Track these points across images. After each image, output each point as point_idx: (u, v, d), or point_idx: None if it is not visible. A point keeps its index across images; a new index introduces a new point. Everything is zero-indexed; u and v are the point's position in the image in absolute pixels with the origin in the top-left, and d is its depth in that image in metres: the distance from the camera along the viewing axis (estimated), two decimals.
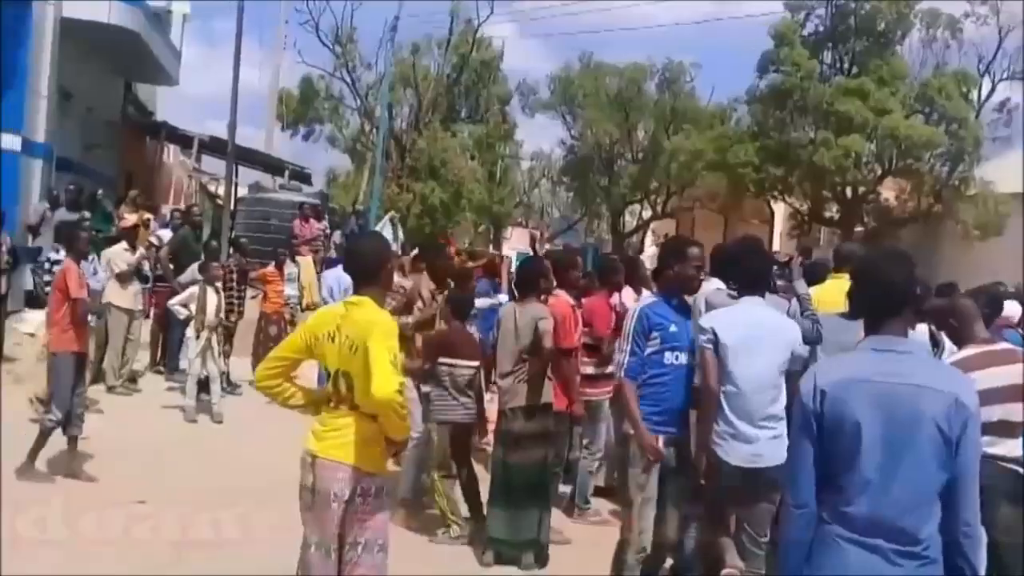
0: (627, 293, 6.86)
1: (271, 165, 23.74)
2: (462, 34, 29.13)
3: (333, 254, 14.21)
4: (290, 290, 11.51)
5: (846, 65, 24.86)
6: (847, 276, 3.33)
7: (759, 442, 4.27)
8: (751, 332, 4.35)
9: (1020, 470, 4.58)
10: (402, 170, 27.56)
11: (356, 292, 3.48)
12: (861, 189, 24.48)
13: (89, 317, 7.17)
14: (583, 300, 6.63)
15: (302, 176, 24.05)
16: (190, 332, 9.02)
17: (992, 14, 24.85)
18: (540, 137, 68.97)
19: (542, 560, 5.53)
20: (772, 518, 4.30)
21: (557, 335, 5.65)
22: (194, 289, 9.01)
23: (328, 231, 15.97)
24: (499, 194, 33.85)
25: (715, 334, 4.35)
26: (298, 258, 12.35)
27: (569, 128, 35.05)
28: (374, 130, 27.62)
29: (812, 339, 4.68)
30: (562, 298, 6.07)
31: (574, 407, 6.02)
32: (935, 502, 2.52)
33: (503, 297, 9.73)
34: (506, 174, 35.85)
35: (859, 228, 24.73)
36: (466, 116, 31.90)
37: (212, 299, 8.95)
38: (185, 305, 9.00)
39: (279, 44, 28.46)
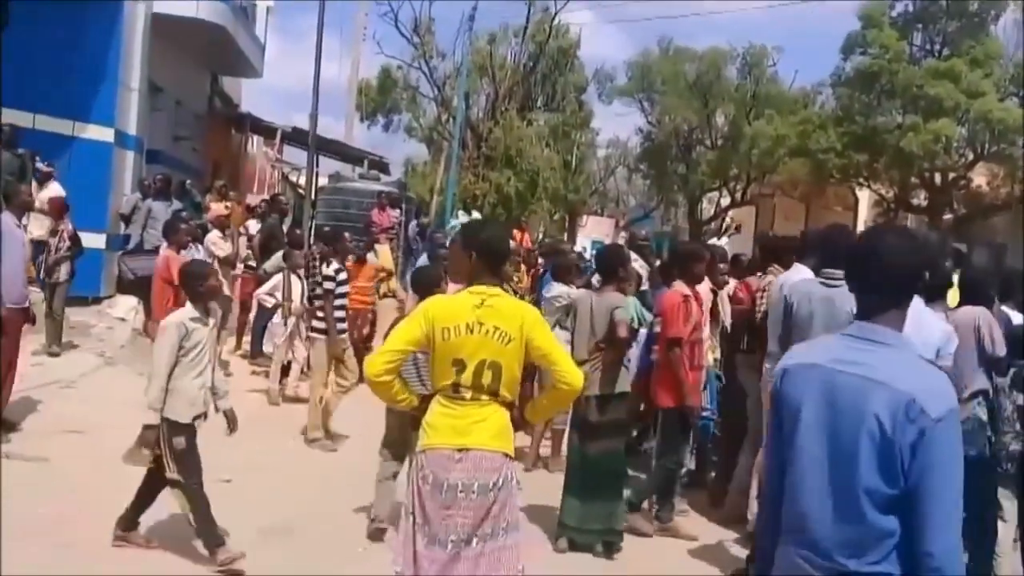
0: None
1: (351, 155, 24.13)
2: (539, 22, 29.09)
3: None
4: None
5: (936, 47, 23.99)
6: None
7: None
8: None
9: None
10: (478, 159, 27.71)
11: (481, 282, 3.41)
12: (951, 175, 23.63)
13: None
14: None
15: (381, 166, 24.38)
16: (277, 318, 9.29)
17: None
18: (617, 124, 68.50)
19: (614, 549, 5.52)
20: None
21: (662, 325, 5.74)
22: (279, 277, 9.26)
23: (402, 220, 16.17)
24: (574, 182, 33.75)
25: None
26: (376, 246, 12.53)
27: (646, 115, 34.75)
28: (451, 119, 27.81)
29: None
30: (677, 288, 5.91)
31: (684, 400, 5.75)
32: (885, 519, 2.09)
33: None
34: (582, 162, 35.70)
35: (948, 216, 23.89)
36: (542, 104, 31.86)
37: (296, 286, 9.19)
38: (271, 293, 9.27)
39: (359, 36, 28.80)
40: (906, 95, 22.56)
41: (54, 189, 10.57)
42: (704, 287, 6.67)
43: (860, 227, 28.18)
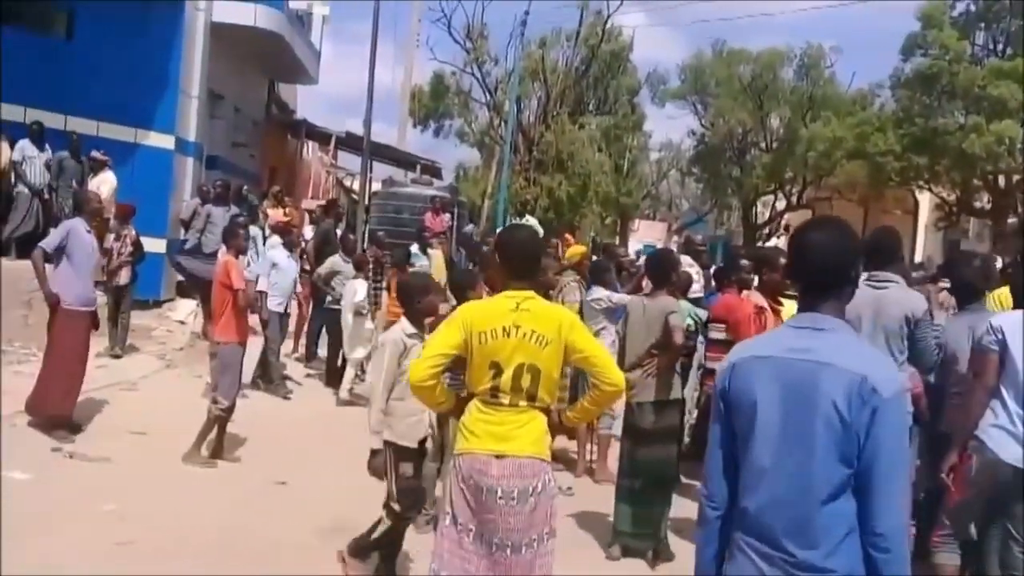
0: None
1: (403, 160, 24.35)
2: (591, 26, 29.03)
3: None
4: None
5: (999, 46, 23.37)
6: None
7: None
8: None
9: None
10: (529, 163, 27.72)
11: (514, 286, 3.40)
12: (1015, 177, 22.98)
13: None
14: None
15: (433, 170, 24.55)
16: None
17: None
18: (669, 127, 68.22)
19: (664, 556, 5.46)
20: None
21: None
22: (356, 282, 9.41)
23: (452, 224, 16.25)
24: (626, 186, 33.59)
25: (1003, 334, 4.22)
26: (429, 251, 12.61)
27: (700, 117, 34.46)
28: (502, 124, 27.88)
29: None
30: (751, 298, 5.77)
31: None
32: (842, 503, 2.12)
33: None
34: (634, 166, 35.51)
35: (1012, 219, 23.24)
36: (594, 108, 31.78)
37: (362, 288, 9.35)
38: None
39: (412, 42, 29.08)
40: (968, 96, 22.02)
41: (108, 178, 10.82)
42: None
43: (920, 231, 27.61)
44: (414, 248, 11.49)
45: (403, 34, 32.94)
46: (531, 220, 17.68)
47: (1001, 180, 23.08)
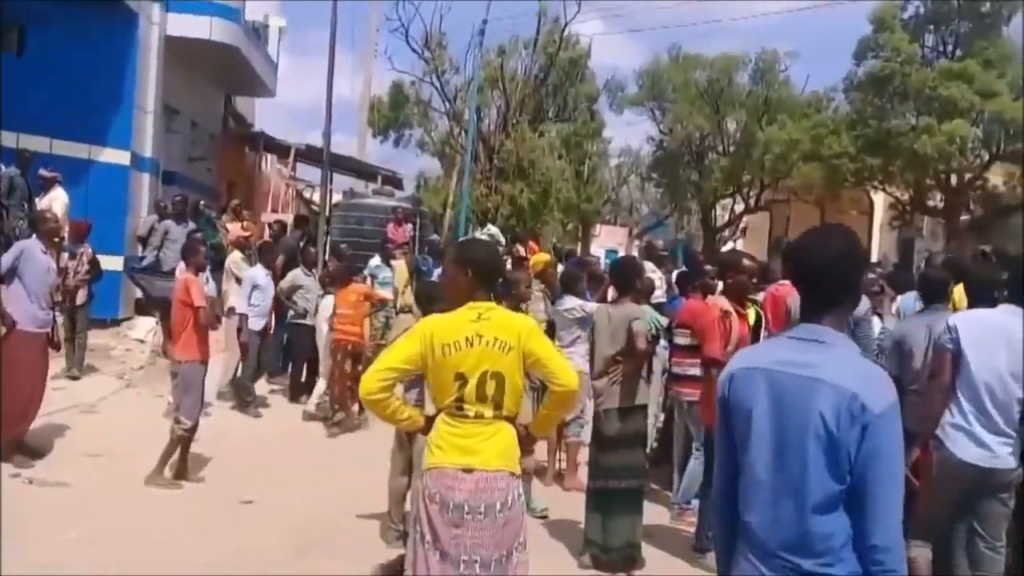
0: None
1: (364, 171, 24.24)
2: (549, 33, 29.12)
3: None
4: (387, 293, 11.53)
5: (949, 48, 23.87)
6: None
7: (993, 444, 4.21)
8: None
9: None
10: (491, 171, 27.73)
11: (477, 299, 3.40)
12: (967, 176, 23.46)
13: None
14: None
15: (394, 181, 24.48)
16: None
17: None
18: (628, 133, 68.54)
19: (636, 563, 5.48)
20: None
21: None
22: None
23: (414, 234, 16.18)
24: (587, 192, 33.73)
25: (957, 332, 4.31)
26: (393, 262, 12.55)
27: (658, 123, 34.68)
28: (463, 133, 27.87)
29: None
30: (716, 303, 5.69)
31: None
32: (837, 517, 2.13)
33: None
34: (594, 172, 35.67)
35: (965, 217, 23.72)
36: (554, 115, 31.88)
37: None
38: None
39: (370, 52, 28.96)
40: (919, 97, 22.43)
41: (58, 196, 10.61)
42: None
43: (876, 230, 28.07)
44: (377, 260, 11.43)
45: (361, 44, 32.78)
46: (492, 229, 17.70)
47: (953, 179, 23.53)
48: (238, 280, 9.95)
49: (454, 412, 3.31)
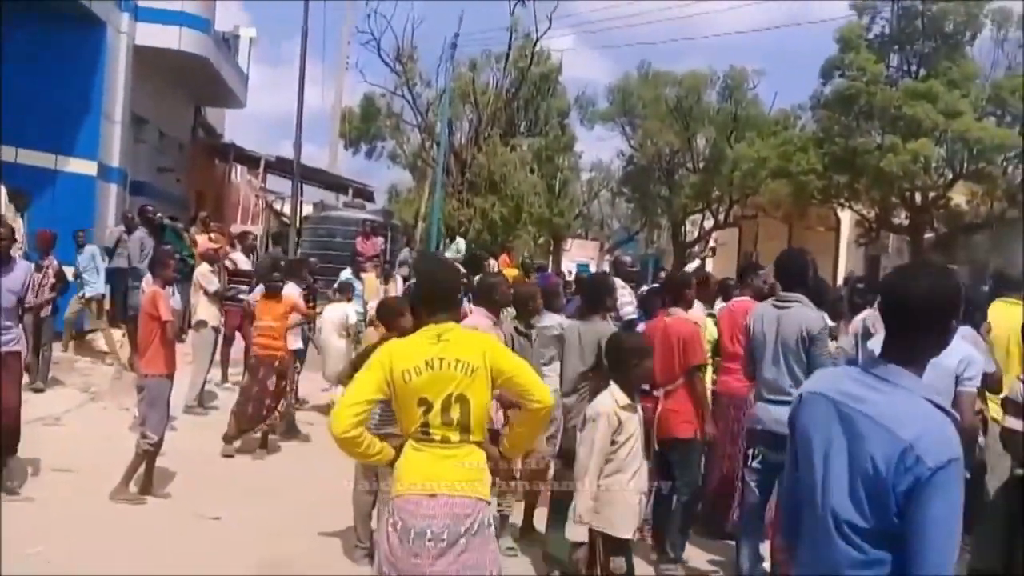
0: (697, 308, 6.78)
1: (335, 183, 24.17)
2: (521, 48, 29.28)
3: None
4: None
5: (914, 68, 24.30)
6: None
7: None
8: None
9: None
10: (462, 185, 27.78)
11: (434, 319, 3.30)
12: (931, 194, 23.86)
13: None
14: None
15: (365, 194, 24.42)
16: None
17: None
18: (599, 148, 69.02)
19: None
20: None
21: (688, 352, 5.60)
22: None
23: (385, 247, 16.15)
24: (559, 206, 33.89)
25: None
26: (362, 275, 12.51)
27: (628, 139, 34.97)
28: (434, 146, 27.90)
29: None
30: (684, 316, 5.86)
31: (705, 428, 5.66)
32: (866, 555, 2.09)
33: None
34: (565, 186, 35.85)
35: (929, 234, 24.10)
36: (525, 130, 32.04)
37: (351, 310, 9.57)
38: None
39: (342, 64, 28.96)
40: (884, 116, 22.81)
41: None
42: (700, 313, 6.68)
43: (843, 247, 28.41)
44: (347, 273, 11.38)
45: (332, 56, 32.76)
46: (460, 244, 17.69)
47: (918, 197, 23.93)
48: (206, 292, 9.87)
49: (420, 437, 3.19)
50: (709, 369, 6.57)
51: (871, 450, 2.08)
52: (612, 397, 4.31)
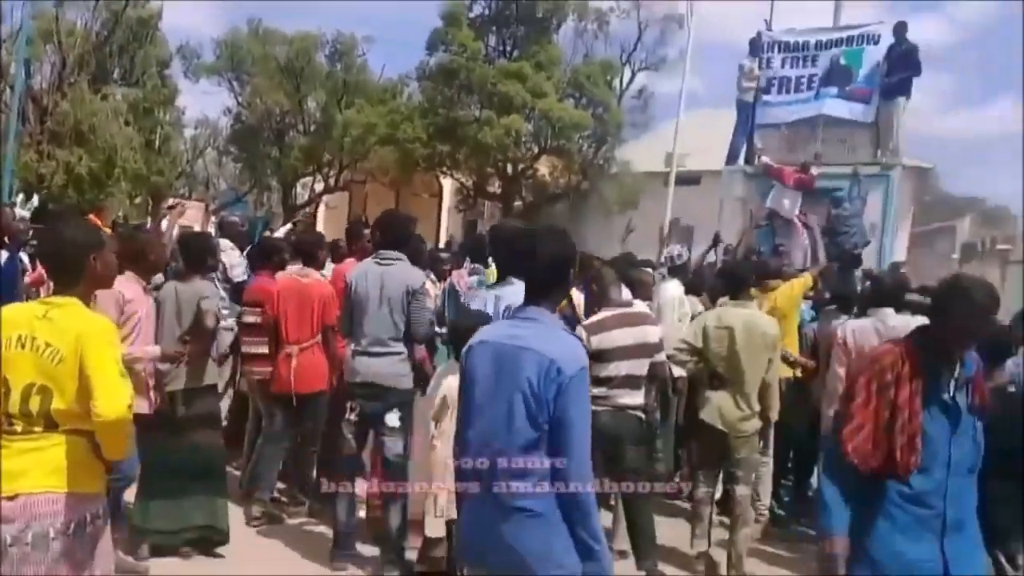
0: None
1: None
2: None
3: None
4: None
5: (508, 48, 26.22)
6: None
7: None
8: None
9: (642, 416, 5.31)
10: (42, 135, 24.79)
11: (56, 291, 2.99)
12: (520, 166, 26.10)
13: None
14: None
15: None
16: None
17: (633, 10, 27.57)
18: (205, 104, 65.16)
19: (215, 548, 5.41)
20: None
21: (327, 311, 6.05)
22: None
23: None
24: (158, 163, 31.58)
25: None
26: None
27: (236, 96, 33.61)
28: (8, 89, 24.52)
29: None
30: (319, 278, 6.37)
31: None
32: (535, 455, 2.70)
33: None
34: (166, 142, 33.46)
35: (518, 203, 26.38)
36: (119, 78, 29.33)
37: None
38: None
39: None
40: (482, 92, 24.44)
41: None
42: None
43: (444, 213, 30.10)
44: None
45: None
46: (35, 201, 15.86)
47: (509, 168, 26.06)
48: None
49: (5, 428, 2.83)
50: None
51: (527, 372, 2.70)
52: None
